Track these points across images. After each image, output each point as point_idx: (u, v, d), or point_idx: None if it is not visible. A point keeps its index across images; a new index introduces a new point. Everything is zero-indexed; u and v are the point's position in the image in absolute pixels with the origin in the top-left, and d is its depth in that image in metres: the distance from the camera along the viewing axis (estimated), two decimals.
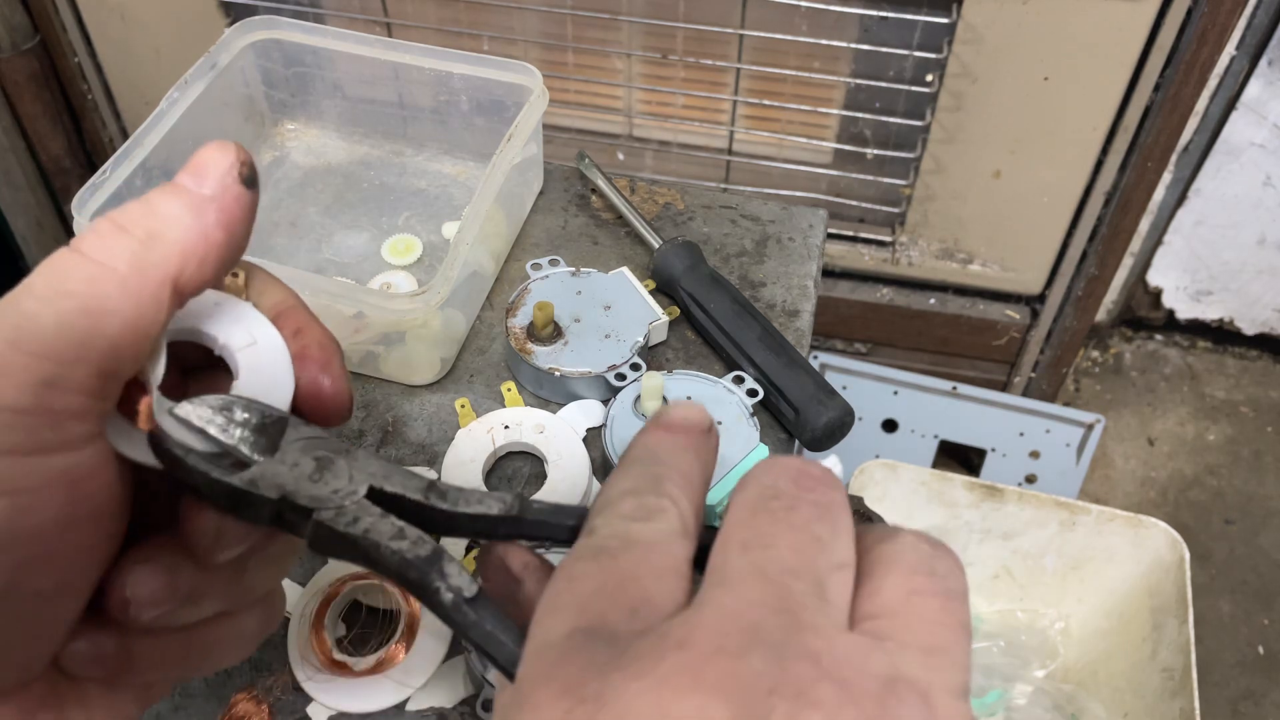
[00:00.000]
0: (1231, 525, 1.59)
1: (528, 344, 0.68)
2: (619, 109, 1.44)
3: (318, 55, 0.78)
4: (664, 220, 0.79)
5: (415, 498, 0.30)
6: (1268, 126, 1.44)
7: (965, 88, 1.29)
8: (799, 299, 0.75)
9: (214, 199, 0.29)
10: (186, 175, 0.30)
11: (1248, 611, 1.51)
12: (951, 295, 1.53)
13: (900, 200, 1.44)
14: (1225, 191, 1.53)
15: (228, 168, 0.30)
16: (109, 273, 0.27)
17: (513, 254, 0.77)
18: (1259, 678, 1.45)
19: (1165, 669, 1.14)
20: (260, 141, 0.82)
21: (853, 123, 1.38)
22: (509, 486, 0.65)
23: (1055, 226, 1.42)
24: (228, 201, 0.30)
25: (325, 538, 0.29)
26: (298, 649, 0.56)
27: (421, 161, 0.82)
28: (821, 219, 0.80)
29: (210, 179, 0.30)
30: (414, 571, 0.28)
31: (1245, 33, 1.35)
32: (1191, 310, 1.73)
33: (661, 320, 0.69)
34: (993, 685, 1.22)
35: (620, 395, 0.66)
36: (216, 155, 0.30)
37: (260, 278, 0.34)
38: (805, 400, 0.65)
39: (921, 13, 1.24)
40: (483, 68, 0.75)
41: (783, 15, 1.28)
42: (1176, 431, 1.70)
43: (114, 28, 1.47)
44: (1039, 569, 1.29)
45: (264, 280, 0.35)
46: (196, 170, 0.30)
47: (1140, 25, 1.20)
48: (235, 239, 0.30)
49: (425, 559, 0.29)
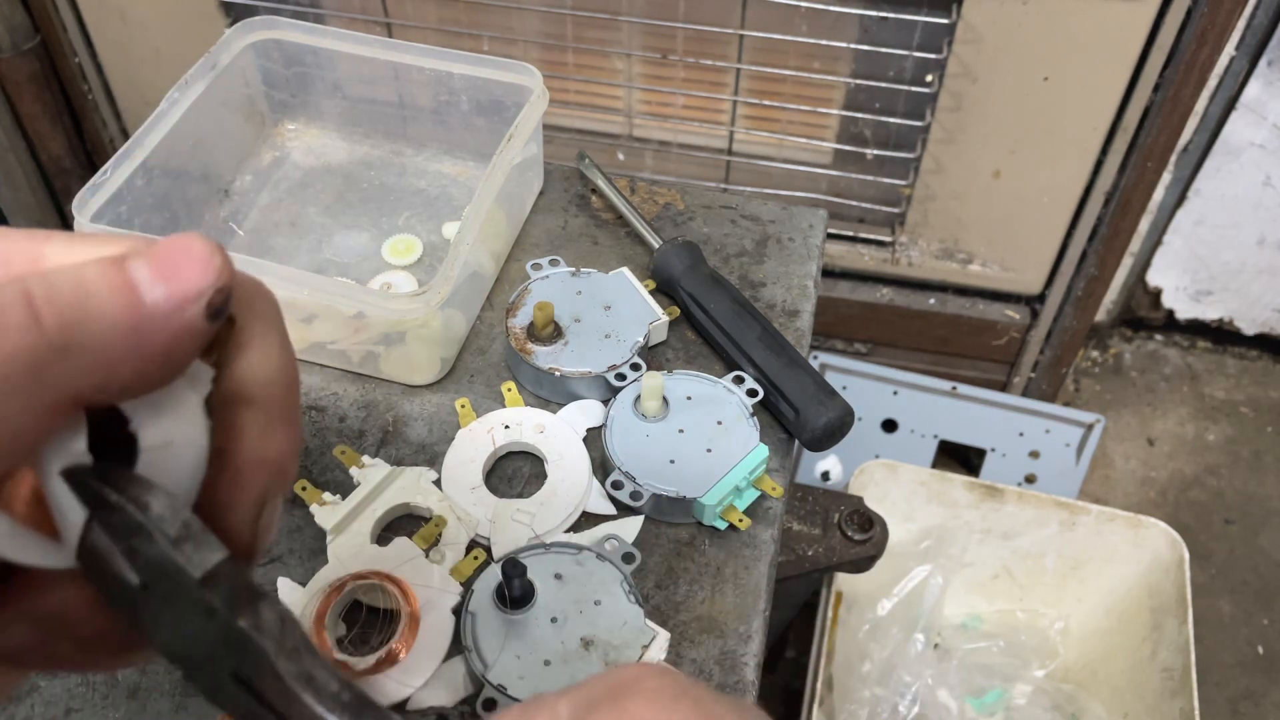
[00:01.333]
0: (1231, 525, 1.59)
1: (528, 344, 0.68)
2: (619, 109, 1.44)
3: (318, 55, 0.78)
4: (664, 220, 0.79)
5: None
6: (1267, 127, 1.44)
7: (965, 88, 1.29)
8: (799, 299, 0.75)
9: (167, 324, 0.23)
10: (147, 268, 0.23)
11: (1247, 611, 1.51)
12: (951, 295, 1.53)
13: (900, 200, 1.44)
14: (1225, 192, 1.53)
15: (197, 292, 0.23)
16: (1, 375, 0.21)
17: (513, 254, 0.77)
18: (1259, 678, 1.45)
19: (1165, 669, 1.14)
20: (260, 141, 0.82)
21: (853, 123, 1.39)
22: (509, 486, 0.65)
23: (1055, 226, 1.42)
24: (181, 333, 0.23)
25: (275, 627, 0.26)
26: None
27: (422, 161, 0.82)
28: (821, 219, 0.80)
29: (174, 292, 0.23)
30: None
31: (1245, 33, 1.35)
32: (1191, 310, 1.73)
33: (661, 320, 0.70)
34: (992, 685, 1.22)
35: (620, 395, 0.66)
36: (192, 269, 0.23)
37: (262, 338, 0.27)
38: (805, 400, 0.65)
39: (921, 13, 1.24)
40: (483, 68, 0.75)
41: (783, 15, 1.28)
42: (1176, 431, 1.70)
43: (114, 28, 1.47)
44: (1039, 569, 1.29)
45: (265, 343, 0.27)
46: (164, 269, 0.23)
47: (1140, 25, 1.20)
48: (172, 370, 0.24)
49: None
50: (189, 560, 0.25)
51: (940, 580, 1.17)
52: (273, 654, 0.25)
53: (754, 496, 0.63)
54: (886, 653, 1.16)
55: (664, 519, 0.63)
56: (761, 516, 0.63)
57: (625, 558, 0.59)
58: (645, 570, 0.61)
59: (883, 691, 1.15)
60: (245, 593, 0.26)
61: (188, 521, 0.26)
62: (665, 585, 0.60)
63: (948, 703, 1.18)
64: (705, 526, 0.62)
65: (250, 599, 0.26)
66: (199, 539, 0.25)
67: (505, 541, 0.60)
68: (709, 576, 0.61)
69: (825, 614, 1.12)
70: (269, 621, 0.26)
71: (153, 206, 0.70)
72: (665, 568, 0.61)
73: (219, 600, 0.25)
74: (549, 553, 0.59)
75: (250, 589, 0.26)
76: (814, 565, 1.01)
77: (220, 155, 0.78)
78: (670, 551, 0.62)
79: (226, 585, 0.26)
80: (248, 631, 0.25)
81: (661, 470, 0.62)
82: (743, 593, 0.60)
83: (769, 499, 0.64)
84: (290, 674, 0.25)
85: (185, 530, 0.25)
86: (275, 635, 0.26)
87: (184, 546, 0.25)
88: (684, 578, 0.60)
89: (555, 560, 0.58)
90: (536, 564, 0.58)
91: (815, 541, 1.01)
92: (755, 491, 0.63)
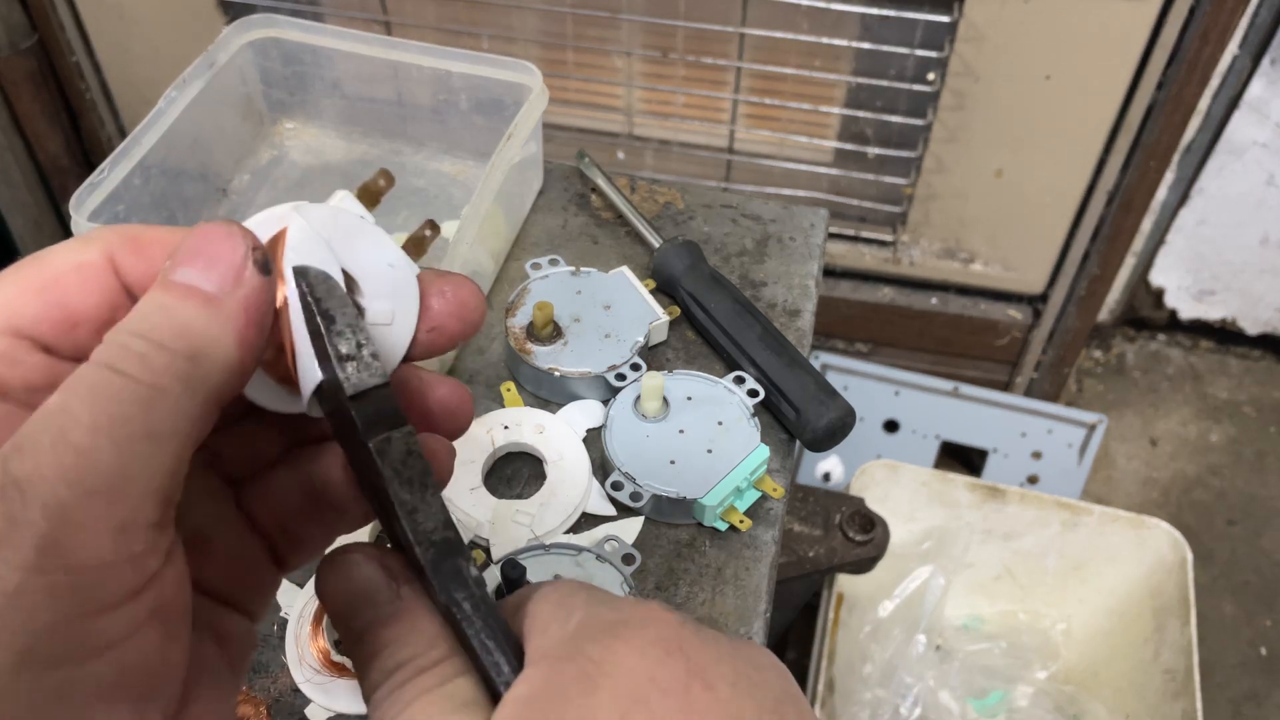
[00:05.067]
0: (1234, 526, 1.59)
1: (527, 344, 0.67)
2: (619, 108, 1.44)
3: (316, 54, 0.78)
4: (664, 219, 0.79)
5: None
6: (1270, 126, 1.44)
7: (967, 86, 1.29)
8: (800, 299, 0.74)
9: (242, 301, 0.27)
10: (196, 270, 0.26)
11: (1250, 612, 1.50)
12: (953, 295, 1.52)
13: (902, 199, 1.43)
14: (1228, 191, 1.53)
15: (241, 258, 0.27)
16: (161, 395, 0.25)
17: (512, 254, 0.77)
18: (1261, 678, 1.44)
19: (1167, 670, 1.13)
20: (258, 140, 0.82)
21: (854, 121, 1.38)
22: (509, 487, 0.64)
23: (1057, 226, 1.41)
24: (254, 299, 0.27)
25: (400, 455, 0.29)
26: (296, 650, 0.55)
27: (421, 160, 0.82)
28: (822, 218, 0.80)
29: (225, 274, 0.26)
30: (437, 549, 0.29)
31: (1248, 32, 1.34)
32: (1194, 310, 1.72)
33: (662, 320, 0.69)
34: (994, 686, 1.22)
35: (620, 395, 0.65)
36: (224, 244, 0.27)
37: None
38: (806, 400, 0.64)
39: (923, 11, 1.23)
40: (482, 66, 0.74)
41: (784, 14, 1.27)
42: (1179, 432, 1.69)
43: (112, 26, 1.47)
44: (1041, 570, 1.29)
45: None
46: (205, 262, 0.26)
47: (1143, 24, 1.19)
48: (264, 335, 0.28)
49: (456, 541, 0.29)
50: (347, 377, 0.28)
51: (942, 581, 1.17)
52: (389, 478, 0.28)
53: (755, 497, 0.63)
54: (888, 654, 1.16)
55: (664, 520, 0.62)
56: (762, 517, 0.63)
57: (625, 559, 0.59)
58: (645, 571, 0.60)
59: (884, 693, 1.14)
60: (386, 420, 0.28)
61: (362, 344, 0.28)
62: (665, 586, 0.60)
63: (949, 704, 1.18)
64: (705, 527, 0.62)
65: (388, 426, 0.28)
66: (364, 362, 0.28)
67: (505, 542, 0.60)
68: (709, 578, 0.60)
69: (826, 615, 1.12)
70: (396, 450, 0.28)
71: (150, 205, 0.70)
72: (665, 569, 0.60)
73: (359, 419, 0.28)
74: (549, 554, 0.59)
75: (393, 418, 0.29)
76: (815, 566, 1.00)
77: (218, 154, 0.78)
78: (670, 553, 0.61)
79: (372, 408, 0.28)
80: (374, 453, 0.28)
81: (662, 471, 0.62)
82: (743, 594, 0.59)
83: (770, 500, 0.63)
84: (399, 501, 0.28)
85: (356, 350, 0.28)
86: (396, 464, 0.28)
87: (347, 365, 0.28)
88: (684, 579, 0.60)
89: (555, 561, 0.58)
90: (536, 565, 0.57)
91: (816, 543, 1.01)
92: (756, 492, 0.63)
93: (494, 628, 0.29)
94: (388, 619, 0.29)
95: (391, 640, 0.29)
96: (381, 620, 0.29)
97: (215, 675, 0.29)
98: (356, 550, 0.30)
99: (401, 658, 0.28)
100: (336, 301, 0.28)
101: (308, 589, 0.57)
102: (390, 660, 0.28)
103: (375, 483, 0.29)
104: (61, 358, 0.27)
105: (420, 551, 0.28)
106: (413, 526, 0.28)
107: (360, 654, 0.29)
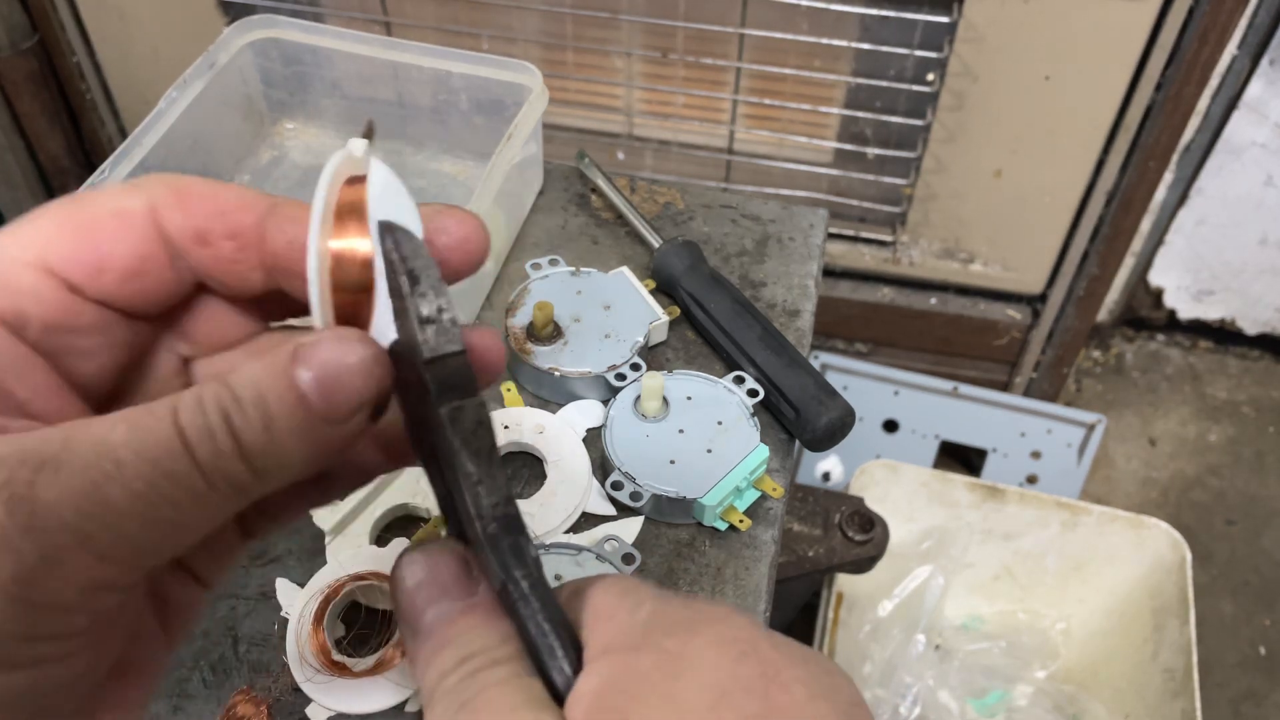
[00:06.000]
0: (1233, 526, 1.59)
1: (527, 344, 0.67)
2: (619, 108, 1.44)
3: (316, 54, 0.78)
4: (664, 220, 0.79)
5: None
6: (1269, 126, 1.44)
7: (966, 87, 1.29)
8: (799, 299, 0.74)
9: (337, 439, 0.26)
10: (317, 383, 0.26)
11: (1249, 612, 1.50)
12: (952, 295, 1.52)
13: (901, 200, 1.43)
14: (1227, 191, 1.53)
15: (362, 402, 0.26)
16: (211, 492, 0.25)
17: (512, 254, 0.77)
18: (1261, 678, 1.44)
19: (1167, 670, 1.13)
20: (259, 140, 0.82)
21: (853, 122, 1.38)
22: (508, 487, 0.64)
23: (1056, 226, 1.42)
24: (344, 442, 0.27)
25: (471, 425, 0.28)
26: (297, 649, 0.55)
27: (421, 161, 0.82)
28: (822, 218, 0.80)
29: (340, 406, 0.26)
30: (498, 524, 0.28)
31: (1247, 32, 1.34)
32: (1193, 310, 1.73)
33: (661, 320, 0.69)
34: (994, 686, 1.22)
35: (620, 395, 0.65)
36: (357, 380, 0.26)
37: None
38: (806, 400, 0.64)
39: (922, 12, 1.24)
40: (482, 66, 0.74)
41: (783, 14, 1.27)
42: (1178, 432, 1.70)
43: (113, 27, 1.47)
44: (1040, 570, 1.29)
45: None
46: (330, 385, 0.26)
47: (1142, 24, 1.19)
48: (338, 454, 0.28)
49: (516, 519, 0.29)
50: (426, 340, 0.27)
51: (941, 581, 1.17)
52: (457, 449, 0.27)
53: (754, 497, 0.63)
54: (887, 654, 1.16)
55: (664, 520, 0.62)
56: (762, 517, 0.63)
57: (625, 558, 0.59)
58: (645, 571, 0.60)
59: (884, 693, 1.14)
60: (460, 387, 0.28)
61: (443, 308, 0.27)
62: (665, 586, 0.60)
63: (949, 704, 1.18)
64: (705, 527, 0.62)
65: (460, 394, 0.28)
66: (443, 327, 0.27)
67: None
68: (709, 577, 0.60)
69: (826, 615, 1.12)
70: (468, 420, 0.28)
71: None
72: (665, 569, 0.60)
73: (433, 384, 0.27)
74: (549, 553, 0.59)
75: (466, 386, 0.28)
76: (814, 566, 1.00)
77: (219, 154, 0.78)
78: (670, 552, 0.61)
79: (446, 374, 0.27)
80: (444, 421, 0.27)
81: (661, 471, 0.62)
82: (743, 594, 0.59)
83: (769, 500, 0.63)
84: (465, 472, 0.28)
85: (437, 314, 0.27)
86: (466, 434, 0.28)
87: (427, 328, 0.27)
88: (684, 579, 0.60)
89: (555, 561, 0.58)
90: None
91: (816, 542, 1.01)
92: (756, 492, 0.63)
93: (550, 609, 0.28)
94: (464, 611, 0.29)
95: (467, 630, 0.29)
96: (458, 612, 0.29)
97: (146, 657, 0.29)
98: (443, 544, 0.30)
99: (475, 648, 0.28)
100: (422, 262, 0.28)
101: (308, 589, 0.57)
102: (465, 649, 0.28)
103: (439, 450, 0.28)
104: (85, 298, 0.27)
105: (481, 525, 0.28)
106: (475, 499, 0.28)
107: (428, 645, 0.29)
